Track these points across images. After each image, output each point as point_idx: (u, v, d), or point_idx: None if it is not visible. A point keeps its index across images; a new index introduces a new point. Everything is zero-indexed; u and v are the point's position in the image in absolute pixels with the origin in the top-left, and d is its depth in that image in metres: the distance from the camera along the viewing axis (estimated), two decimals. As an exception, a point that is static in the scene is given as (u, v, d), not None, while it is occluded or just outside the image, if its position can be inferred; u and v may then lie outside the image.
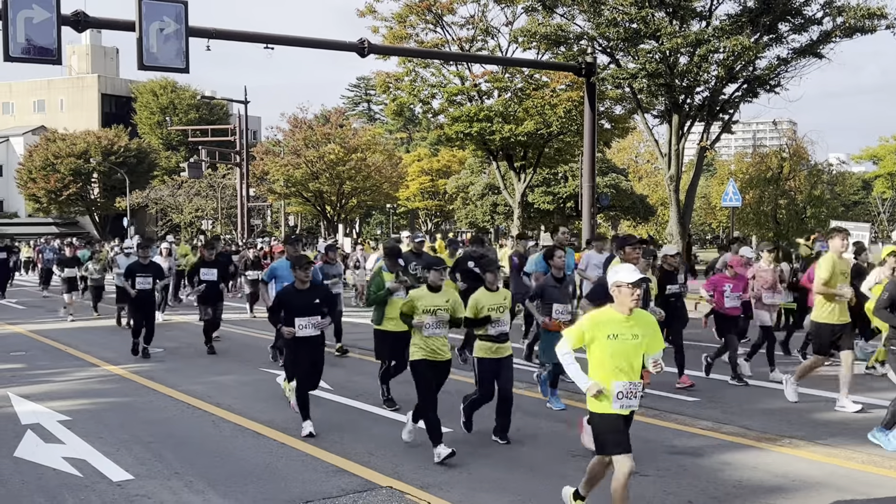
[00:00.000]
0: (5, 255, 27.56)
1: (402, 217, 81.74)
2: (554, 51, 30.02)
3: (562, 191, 51.60)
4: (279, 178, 51.93)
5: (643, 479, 7.42)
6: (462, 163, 65.15)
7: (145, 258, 15.45)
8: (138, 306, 15.03)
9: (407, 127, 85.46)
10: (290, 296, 9.25)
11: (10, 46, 17.36)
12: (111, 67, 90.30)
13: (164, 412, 10.46)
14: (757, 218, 42.38)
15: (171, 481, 7.55)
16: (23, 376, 13.07)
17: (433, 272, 8.66)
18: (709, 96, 28.10)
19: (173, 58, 18.87)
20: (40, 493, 7.26)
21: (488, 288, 8.85)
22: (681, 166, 29.23)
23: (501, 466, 7.93)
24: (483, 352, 8.76)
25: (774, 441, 8.67)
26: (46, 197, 72.30)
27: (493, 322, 8.63)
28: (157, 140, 79.93)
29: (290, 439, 8.93)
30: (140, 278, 14.85)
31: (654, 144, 31.93)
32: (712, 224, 60.00)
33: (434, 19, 34.99)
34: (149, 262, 15.45)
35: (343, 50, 22.33)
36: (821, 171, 45.79)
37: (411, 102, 37.90)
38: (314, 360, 9.26)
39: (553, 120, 33.35)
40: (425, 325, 8.36)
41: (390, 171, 57.27)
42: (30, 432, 9.30)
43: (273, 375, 12.77)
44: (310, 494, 7.11)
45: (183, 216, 67.89)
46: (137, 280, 14.81)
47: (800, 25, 26.75)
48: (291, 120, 53.05)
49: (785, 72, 27.61)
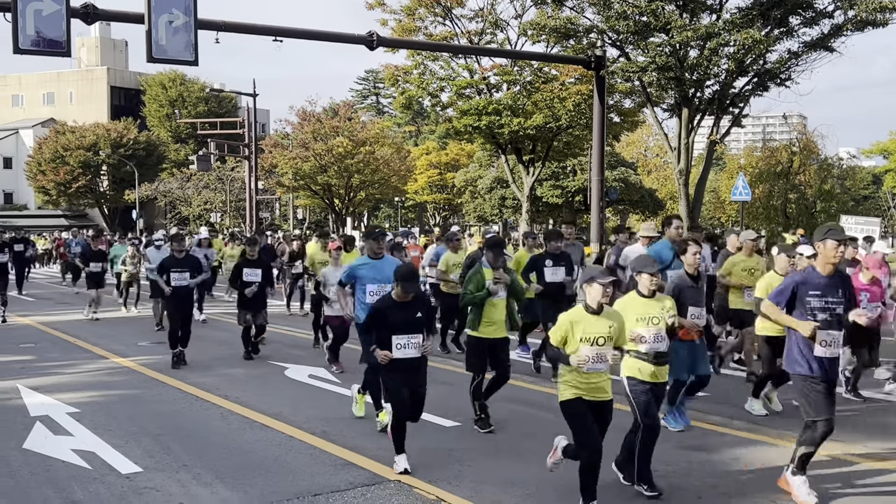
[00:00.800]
0: (22, 246, 25.99)
1: (411, 210, 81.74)
2: (563, 44, 29.92)
3: (570, 184, 51.54)
4: (288, 171, 51.96)
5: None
6: (470, 156, 65.12)
7: (180, 251, 13.66)
8: (176, 305, 13.30)
9: (415, 120, 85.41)
10: (389, 310, 7.56)
11: (20, 39, 17.39)
12: (120, 60, 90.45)
13: (172, 405, 10.47)
14: (766, 212, 42.30)
15: (180, 474, 7.55)
16: (32, 368, 13.10)
17: (595, 285, 6.39)
18: (719, 90, 27.97)
19: (182, 50, 18.89)
20: (49, 484, 7.27)
21: (641, 294, 7.13)
22: (690, 160, 29.13)
23: (509, 460, 7.92)
24: (634, 372, 7.13)
25: (785, 437, 8.63)
26: (56, 189, 72.48)
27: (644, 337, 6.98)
28: (165, 133, 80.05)
29: (298, 432, 8.93)
30: (176, 274, 13.21)
31: (663, 138, 31.84)
32: (721, 218, 59.77)
33: (443, 12, 34.92)
34: (185, 256, 13.68)
35: (352, 43, 22.33)
36: (831, 165, 45.65)
37: (420, 95, 37.83)
38: (415, 386, 7.66)
39: (562, 113, 33.26)
40: (583, 360, 6.43)
41: (399, 165, 57.22)
42: (39, 424, 9.31)
43: (281, 368, 12.78)
44: (318, 488, 7.10)
45: (192, 209, 68.03)
46: (173, 276, 13.17)
47: (811, 19, 26.59)
48: (300, 113, 53.03)
49: (796, 65, 27.47)
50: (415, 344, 7.50)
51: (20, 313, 21.42)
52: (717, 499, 6.89)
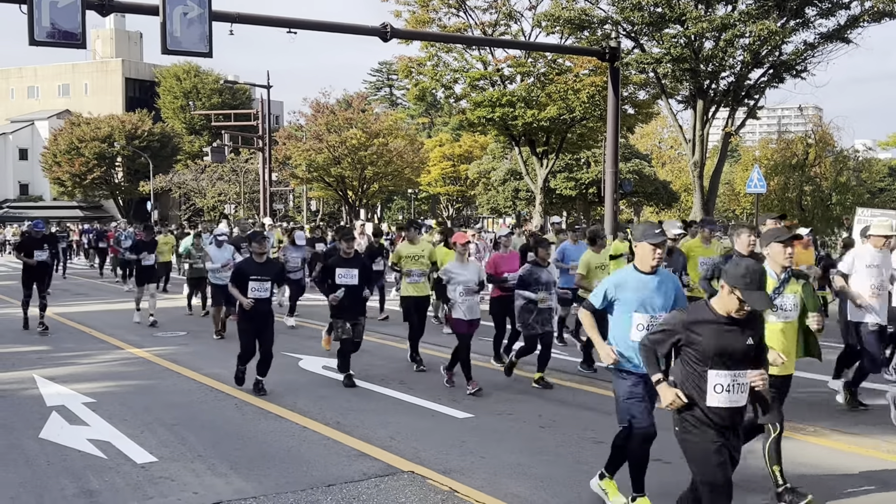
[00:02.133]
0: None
1: (424, 202, 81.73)
2: (577, 35, 29.85)
3: (584, 177, 51.41)
4: (301, 163, 52.01)
5: (666, 467, 7.39)
6: (484, 148, 65.02)
7: (261, 254, 10.65)
8: (258, 323, 10.49)
9: (429, 112, 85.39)
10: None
11: (35, 31, 17.45)
12: (135, 52, 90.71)
13: (187, 395, 10.53)
14: (781, 205, 42.03)
15: (195, 464, 7.59)
16: (48, 358, 13.19)
17: None
18: (734, 81, 27.86)
19: (196, 42, 18.91)
20: (65, 474, 7.32)
21: None
22: (705, 152, 29.02)
23: (523, 452, 7.93)
24: None
25: (797, 429, 8.61)
26: (71, 180, 72.85)
27: None
28: (180, 124, 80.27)
29: (312, 423, 8.96)
30: (255, 283, 10.38)
31: (678, 130, 31.71)
32: (736, 210, 59.50)
33: (457, 3, 34.87)
34: (266, 260, 10.77)
35: (366, 34, 22.31)
36: (847, 157, 45.33)
37: (433, 87, 37.82)
38: None
39: (576, 105, 33.18)
40: None
41: (412, 157, 57.18)
42: (55, 414, 9.38)
43: (295, 359, 12.82)
44: (332, 478, 7.13)
45: (206, 200, 68.25)
46: (252, 286, 10.35)
47: (827, 10, 26.44)
48: (314, 105, 53.05)
49: (811, 57, 27.34)
50: None
51: (36, 304, 21.53)
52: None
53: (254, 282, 10.36)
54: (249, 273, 10.45)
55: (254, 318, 10.42)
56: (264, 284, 10.45)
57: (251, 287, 10.33)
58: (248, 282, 10.35)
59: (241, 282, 10.41)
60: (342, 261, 11.02)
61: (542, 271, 10.69)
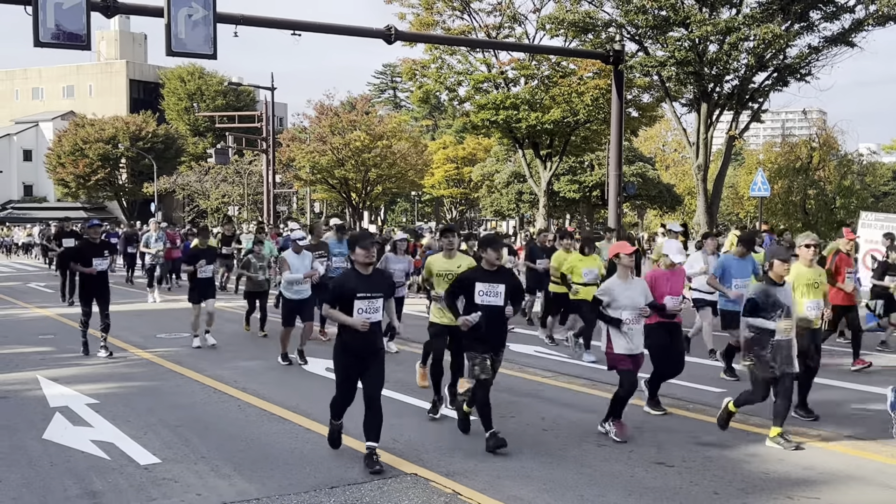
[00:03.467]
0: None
1: (427, 205, 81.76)
2: (581, 38, 29.84)
3: (588, 179, 51.39)
4: (305, 165, 52.03)
5: (669, 470, 7.39)
6: (488, 150, 65.05)
7: (368, 264, 7.85)
8: (364, 359, 7.71)
9: (433, 114, 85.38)
10: None
11: (40, 32, 17.50)
12: (139, 53, 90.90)
13: (190, 397, 10.53)
14: (786, 208, 42.08)
15: (198, 465, 7.59)
16: (51, 359, 13.20)
17: None
18: (738, 85, 27.85)
19: (201, 44, 18.96)
20: (69, 475, 7.33)
21: None
22: (709, 155, 29.01)
23: (526, 454, 7.92)
24: None
25: (802, 434, 8.59)
26: (75, 182, 72.98)
27: None
28: (184, 126, 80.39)
29: (315, 425, 8.96)
30: (363, 302, 7.64)
31: (681, 133, 31.71)
32: (739, 214, 59.48)
33: (461, 6, 34.87)
34: (372, 272, 7.91)
35: (370, 36, 22.35)
36: (851, 161, 45.34)
37: (437, 90, 37.82)
38: None
39: (580, 108, 33.17)
40: None
41: (415, 159, 57.20)
42: (58, 415, 9.39)
43: (299, 363, 12.80)
44: (335, 480, 7.13)
45: (209, 202, 68.34)
46: (358, 306, 7.62)
47: (832, 13, 26.43)
48: (317, 107, 53.10)
49: (816, 60, 27.32)
50: None
51: (39, 305, 21.59)
52: (734, 494, 6.86)
53: (361, 300, 7.61)
54: (355, 289, 7.62)
55: (360, 349, 7.68)
56: (374, 303, 7.68)
57: (357, 308, 7.60)
58: (355, 301, 7.58)
59: (345, 301, 7.65)
60: (485, 274, 8.43)
61: (780, 291, 8.20)
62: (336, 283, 7.98)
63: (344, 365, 7.78)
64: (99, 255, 13.19)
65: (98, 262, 13.15)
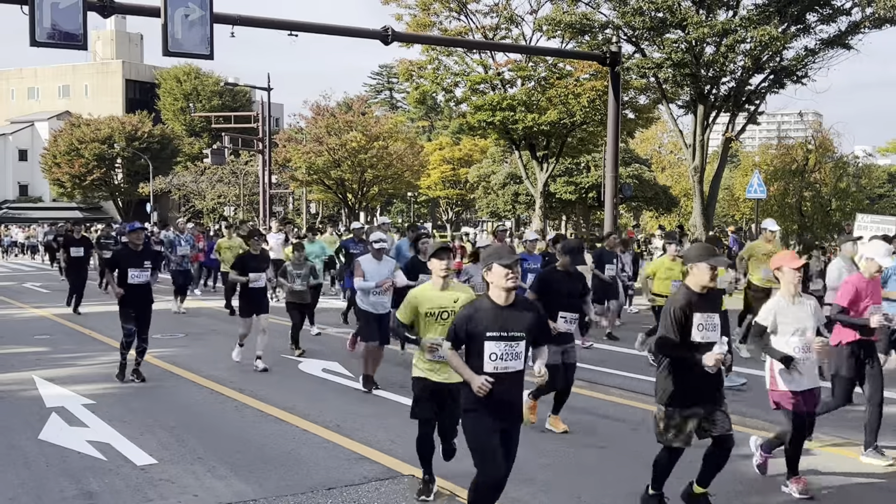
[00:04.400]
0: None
1: (423, 206, 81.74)
2: (578, 40, 29.82)
3: (584, 181, 51.39)
4: (301, 166, 51.98)
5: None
6: (484, 152, 65.03)
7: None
8: (502, 415, 5.71)
9: (429, 115, 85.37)
10: None
11: (37, 31, 17.43)
12: (135, 53, 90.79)
13: (187, 397, 10.51)
14: (781, 210, 42.11)
15: (195, 466, 7.58)
16: (48, 360, 13.17)
17: None
18: (735, 87, 27.85)
19: (197, 44, 18.89)
20: (65, 475, 7.31)
21: None
22: (705, 157, 29.01)
23: (524, 456, 7.89)
24: None
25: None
26: (70, 182, 72.88)
27: None
28: (180, 126, 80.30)
29: (312, 426, 8.95)
30: (497, 344, 5.52)
31: (678, 135, 31.70)
32: (735, 216, 59.54)
33: (458, 7, 34.86)
34: (515, 301, 5.67)
35: (366, 37, 22.30)
36: (846, 163, 45.42)
37: (434, 91, 37.80)
38: None
39: (576, 109, 33.17)
40: None
41: (412, 160, 57.18)
42: (54, 415, 9.37)
43: (295, 362, 12.80)
44: (332, 482, 7.12)
45: (205, 202, 68.29)
46: (490, 351, 5.52)
47: (828, 16, 26.44)
48: (314, 107, 53.07)
49: (812, 63, 27.32)
50: None
51: (35, 305, 21.55)
52: (732, 495, 6.87)
53: (497, 341, 5.48)
54: (494, 329, 5.48)
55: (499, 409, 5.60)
56: (515, 348, 5.53)
57: (490, 353, 5.46)
58: (485, 342, 5.49)
59: (476, 341, 5.50)
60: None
61: None
62: (460, 317, 5.70)
63: (486, 429, 5.61)
64: (138, 266, 11.25)
65: (135, 273, 11.20)
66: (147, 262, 11.32)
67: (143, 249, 11.51)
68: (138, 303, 11.26)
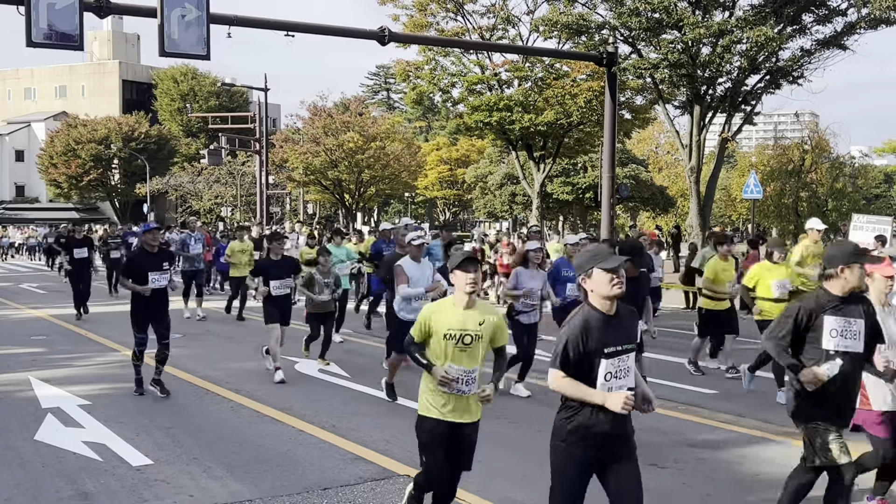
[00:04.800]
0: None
1: (421, 206, 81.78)
2: (575, 40, 29.89)
3: (581, 181, 51.44)
4: (298, 166, 52.03)
5: (661, 472, 7.40)
6: (481, 152, 65.07)
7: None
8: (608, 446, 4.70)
9: (426, 116, 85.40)
10: None
11: (33, 32, 17.40)
12: (132, 54, 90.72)
13: (183, 398, 10.50)
14: (778, 210, 42.23)
15: (190, 466, 7.58)
16: (43, 360, 13.16)
17: None
18: (731, 87, 27.94)
19: (194, 44, 18.86)
20: (60, 476, 7.31)
21: None
22: (702, 158, 29.10)
23: (519, 456, 7.92)
24: None
25: (794, 435, 8.58)
26: (67, 182, 72.84)
27: None
28: (177, 127, 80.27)
29: (308, 426, 8.95)
30: (613, 361, 4.61)
31: (674, 135, 31.80)
32: (732, 216, 59.63)
33: (455, 7, 34.89)
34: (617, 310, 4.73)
35: (363, 38, 22.28)
36: (843, 163, 45.53)
37: (431, 91, 37.84)
38: None
39: (573, 110, 33.21)
40: None
41: (409, 160, 57.23)
42: (50, 416, 9.36)
43: (291, 362, 12.79)
44: (328, 482, 7.12)
45: (202, 203, 68.25)
46: (608, 366, 4.60)
47: (824, 16, 26.54)
48: (311, 108, 53.13)
49: (808, 63, 27.43)
50: None
51: (32, 306, 21.53)
52: (726, 496, 6.88)
53: (609, 359, 4.63)
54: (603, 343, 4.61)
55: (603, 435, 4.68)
56: (627, 362, 4.71)
57: (605, 372, 4.62)
58: (601, 361, 4.60)
59: (586, 361, 4.60)
60: None
61: None
62: (572, 336, 4.60)
63: (576, 462, 4.74)
64: (157, 269, 10.52)
65: (155, 276, 10.47)
66: (165, 265, 10.67)
67: (160, 251, 10.81)
68: (155, 305, 10.56)
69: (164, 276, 10.58)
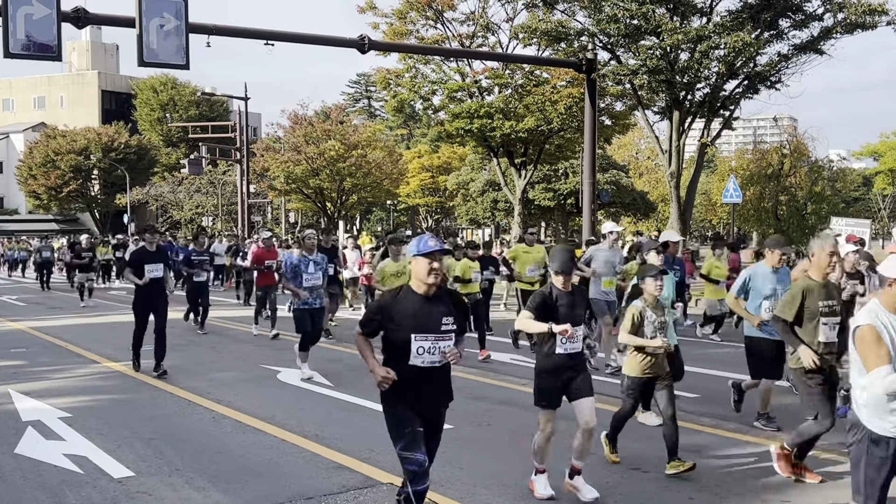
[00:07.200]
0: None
1: (403, 213, 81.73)
2: (554, 47, 30.01)
3: (562, 187, 51.56)
4: (279, 175, 51.89)
5: (644, 476, 7.42)
6: (462, 159, 65.10)
7: None
8: None
9: (407, 123, 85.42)
10: None
11: (10, 43, 17.32)
12: (111, 64, 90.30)
13: (164, 409, 10.45)
14: (758, 214, 42.47)
15: (172, 478, 7.54)
16: (23, 373, 13.06)
17: None
18: (709, 92, 28.11)
19: (173, 54, 18.84)
20: (41, 489, 7.25)
21: None
22: (681, 163, 29.24)
23: (502, 462, 7.93)
24: None
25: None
26: (47, 194, 72.36)
27: None
28: (157, 137, 79.93)
29: (290, 436, 8.92)
30: None
31: (654, 141, 31.93)
32: (713, 220, 59.94)
33: (434, 15, 34.96)
34: None
35: (343, 46, 22.31)
36: (821, 167, 45.87)
37: (412, 99, 37.88)
38: None
39: (553, 116, 33.32)
40: None
41: (391, 168, 57.19)
42: (30, 429, 9.29)
43: (273, 371, 12.76)
44: (311, 491, 7.10)
45: (183, 213, 67.95)
46: None
47: (800, 21, 26.76)
48: (292, 116, 53.00)
49: (786, 68, 27.64)
50: None
51: (11, 318, 21.36)
52: (709, 499, 6.91)
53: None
54: None
55: None
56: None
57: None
58: None
59: None
60: None
61: None
62: None
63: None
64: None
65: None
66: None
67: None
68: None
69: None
